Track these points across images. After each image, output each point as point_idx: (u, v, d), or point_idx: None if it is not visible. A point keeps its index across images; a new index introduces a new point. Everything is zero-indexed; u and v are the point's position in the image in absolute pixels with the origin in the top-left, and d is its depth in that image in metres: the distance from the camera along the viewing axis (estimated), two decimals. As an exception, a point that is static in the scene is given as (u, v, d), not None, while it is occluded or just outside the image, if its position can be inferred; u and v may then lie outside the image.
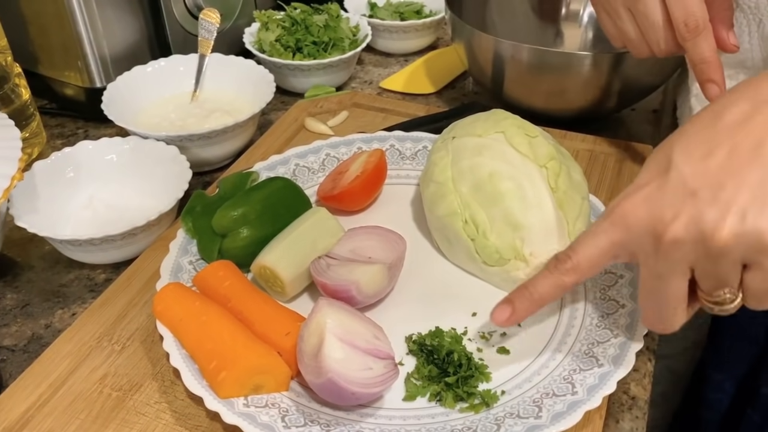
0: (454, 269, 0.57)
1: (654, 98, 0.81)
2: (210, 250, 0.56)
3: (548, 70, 0.70)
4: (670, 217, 0.38)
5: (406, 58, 0.92)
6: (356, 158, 0.65)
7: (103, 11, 0.73)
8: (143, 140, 0.66)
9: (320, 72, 0.81)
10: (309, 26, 0.82)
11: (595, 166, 0.68)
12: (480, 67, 0.75)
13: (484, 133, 0.56)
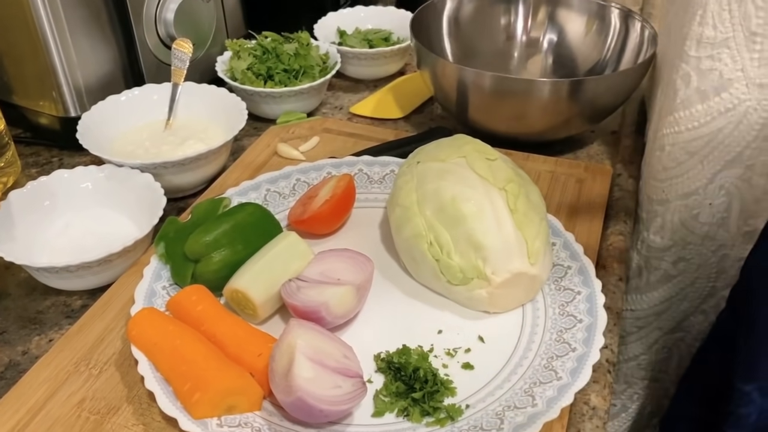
0: (421, 289, 0.59)
1: (612, 120, 0.84)
2: (183, 275, 0.58)
3: (510, 96, 0.73)
4: None
5: (375, 83, 0.95)
6: (326, 183, 0.67)
7: (77, 42, 0.75)
8: (118, 168, 0.68)
9: (291, 99, 0.83)
10: (280, 54, 0.85)
11: (557, 186, 0.71)
12: (445, 93, 0.78)
13: (447, 158, 0.59)
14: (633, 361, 0.86)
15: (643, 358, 0.84)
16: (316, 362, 0.47)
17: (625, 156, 0.80)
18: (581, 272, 0.58)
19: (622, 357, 0.85)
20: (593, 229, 0.65)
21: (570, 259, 0.59)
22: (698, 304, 0.77)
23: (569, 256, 0.60)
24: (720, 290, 0.74)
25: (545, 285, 0.58)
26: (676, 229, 0.71)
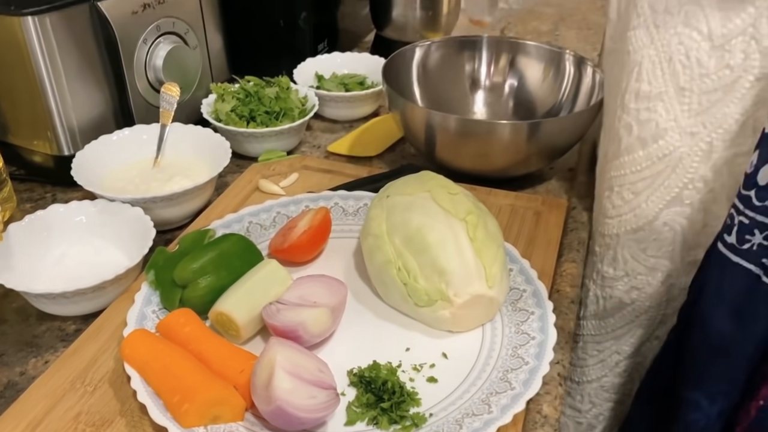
0: (390, 310, 0.65)
1: (570, 157, 0.91)
2: (171, 299, 0.63)
3: (473, 137, 0.80)
4: None
5: (350, 124, 1.02)
6: (304, 215, 0.73)
7: (72, 86, 0.81)
8: (110, 203, 0.73)
9: (272, 138, 0.90)
10: (261, 98, 0.91)
11: (516, 218, 0.78)
12: (414, 134, 0.85)
13: (413, 192, 0.65)
14: (596, 383, 0.91)
15: (606, 380, 0.90)
16: (294, 375, 0.52)
17: (580, 191, 0.87)
18: (535, 295, 0.64)
19: (586, 378, 0.91)
20: (548, 257, 0.72)
21: (525, 283, 0.66)
22: (652, 331, 0.83)
23: (525, 281, 0.66)
24: (670, 317, 0.80)
25: (503, 306, 0.64)
26: (627, 261, 0.78)
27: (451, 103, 0.96)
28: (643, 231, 0.74)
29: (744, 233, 0.61)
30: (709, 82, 0.64)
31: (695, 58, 0.64)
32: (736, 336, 0.64)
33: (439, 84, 0.96)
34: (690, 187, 0.70)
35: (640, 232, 0.75)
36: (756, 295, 0.61)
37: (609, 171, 0.75)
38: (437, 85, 0.96)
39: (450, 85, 0.97)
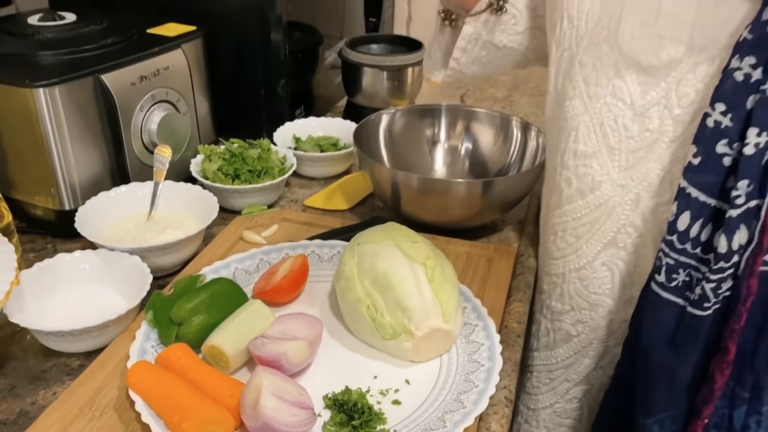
0: (360, 343, 0.74)
1: (519, 210, 1.03)
2: (168, 336, 0.72)
3: (433, 193, 0.91)
4: None
5: (325, 180, 1.13)
6: (284, 262, 0.83)
7: (75, 148, 0.90)
8: (111, 252, 0.82)
9: (255, 194, 1.00)
10: (245, 158, 1.02)
11: (471, 264, 0.88)
12: (382, 190, 0.96)
13: (380, 240, 0.76)
14: (549, 409, 1.00)
15: (558, 406, 0.99)
16: (278, 396, 0.61)
17: (528, 240, 0.98)
18: (485, 329, 0.74)
19: (540, 405, 1.00)
20: (498, 297, 0.82)
21: (477, 319, 0.76)
22: (597, 361, 0.93)
23: (477, 317, 0.76)
24: (612, 348, 0.90)
25: (457, 339, 0.74)
26: (572, 296, 0.88)
27: (414, 163, 1.07)
28: (585, 270, 0.85)
29: (671, 272, 0.72)
30: (633, 143, 0.76)
31: (621, 123, 0.76)
32: (675, 363, 0.73)
33: (403, 146, 1.08)
34: (623, 232, 0.81)
35: (582, 271, 0.85)
36: (684, 325, 0.71)
37: (553, 218, 0.87)
38: (402, 147, 1.08)
39: (413, 147, 1.09)
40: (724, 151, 0.66)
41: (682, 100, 0.70)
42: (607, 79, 0.75)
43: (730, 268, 0.66)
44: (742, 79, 0.64)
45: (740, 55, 0.64)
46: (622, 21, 0.70)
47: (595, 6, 0.72)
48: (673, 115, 0.72)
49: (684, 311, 0.71)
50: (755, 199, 0.64)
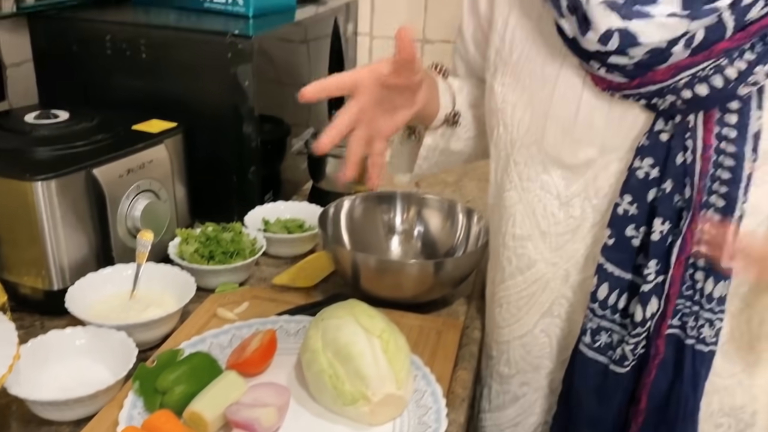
0: (322, 409, 0.84)
1: (466, 286, 1.15)
2: (153, 403, 0.81)
3: (389, 273, 1.03)
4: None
5: (292, 260, 1.24)
6: (255, 336, 0.93)
7: (66, 233, 1.00)
8: (99, 328, 0.91)
9: (228, 273, 1.10)
10: (219, 241, 1.13)
11: (422, 336, 1.00)
12: (343, 269, 1.07)
13: (342, 316, 0.87)
14: None
15: None
16: (252, 455, 0.71)
17: (474, 313, 1.10)
18: (433, 394, 0.85)
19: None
20: (446, 366, 0.93)
21: (426, 385, 0.87)
22: (542, 417, 1.03)
23: (426, 383, 0.87)
24: (553, 405, 1.01)
25: (409, 403, 0.84)
26: (517, 361, 1.00)
27: (373, 245, 1.19)
28: (527, 337, 0.97)
29: (594, 335, 0.85)
30: (560, 227, 0.89)
31: (550, 211, 0.89)
32: (600, 412, 0.86)
33: (363, 229, 1.20)
34: (557, 303, 0.93)
35: (525, 338, 0.97)
36: (608, 380, 0.85)
37: (498, 292, 0.99)
38: (362, 230, 1.20)
39: (372, 230, 1.21)
40: (632, 234, 0.80)
41: (598, 192, 0.85)
42: (536, 174, 0.88)
43: (644, 332, 0.80)
44: (643, 176, 0.78)
45: (641, 157, 0.78)
46: (546, 128, 0.85)
47: (525, 116, 0.86)
48: (592, 204, 0.86)
49: (607, 368, 0.85)
50: (662, 274, 0.77)
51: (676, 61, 0.72)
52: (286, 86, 1.40)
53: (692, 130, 0.76)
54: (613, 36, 0.71)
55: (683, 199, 0.77)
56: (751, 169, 0.75)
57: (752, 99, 0.73)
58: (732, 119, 0.74)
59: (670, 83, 0.73)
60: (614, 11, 0.71)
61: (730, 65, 0.71)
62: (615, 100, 0.79)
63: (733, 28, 0.69)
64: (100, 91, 1.27)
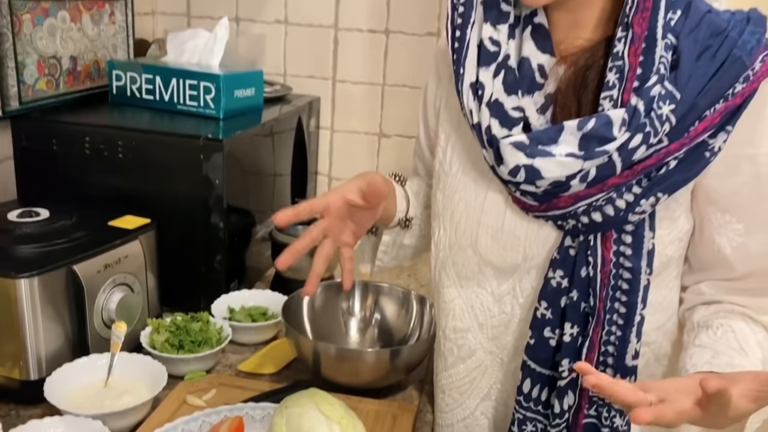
0: (288, 492, 0.92)
1: (420, 371, 1.24)
2: (129, 490, 0.87)
3: (347, 361, 1.12)
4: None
5: (255, 346, 1.31)
6: (223, 423, 1.00)
7: (46, 326, 1.07)
8: (75, 417, 0.97)
9: (196, 362, 1.17)
10: (188, 330, 1.20)
11: (378, 420, 1.08)
12: (304, 357, 1.15)
13: (304, 404, 0.95)
14: None
15: None
16: None
17: (426, 397, 1.19)
18: (388, 475, 0.93)
19: None
20: (396, 448, 1.02)
21: (382, 467, 0.95)
22: None
23: (382, 465, 0.95)
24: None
25: (366, 485, 0.92)
26: None
27: (333, 332, 1.28)
28: (469, 419, 1.06)
29: (521, 425, 0.95)
30: (495, 320, 1.00)
31: (486, 306, 1.00)
32: None
33: (323, 317, 1.29)
34: (494, 388, 1.04)
35: (467, 420, 1.06)
36: None
37: (441, 379, 1.08)
38: (322, 318, 1.29)
39: (332, 318, 1.30)
40: (549, 335, 0.91)
41: (523, 292, 0.96)
42: (473, 274, 1.00)
43: (564, 422, 0.90)
44: (556, 285, 0.90)
45: (553, 269, 0.90)
46: (479, 235, 0.97)
47: (462, 222, 0.98)
48: (519, 303, 0.97)
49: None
50: (574, 372, 0.88)
51: (575, 192, 0.85)
52: (251, 176, 1.51)
53: (593, 248, 0.88)
54: (521, 170, 0.84)
55: (589, 306, 0.89)
56: (647, 281, 0.88)
57: (645, 222, 0.87)
58: (628, 239, 0.87)
59: (571, 210, 0.86)
60: (521, 150, 0.84)
61: (620, 197, 0.84)
62: (532, 217, 0.91)
63: (621, 167, 0.82)
64: (78, 187, 1.36)
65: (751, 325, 0.87)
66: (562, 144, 0.83)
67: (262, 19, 1.84)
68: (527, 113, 0.87)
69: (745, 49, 0.79)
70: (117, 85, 1.52)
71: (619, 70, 0.81)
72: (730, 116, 0.80)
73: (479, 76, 0.88)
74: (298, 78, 1.88)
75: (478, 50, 0.89)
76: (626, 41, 0.81)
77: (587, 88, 0.85)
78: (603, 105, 0.82)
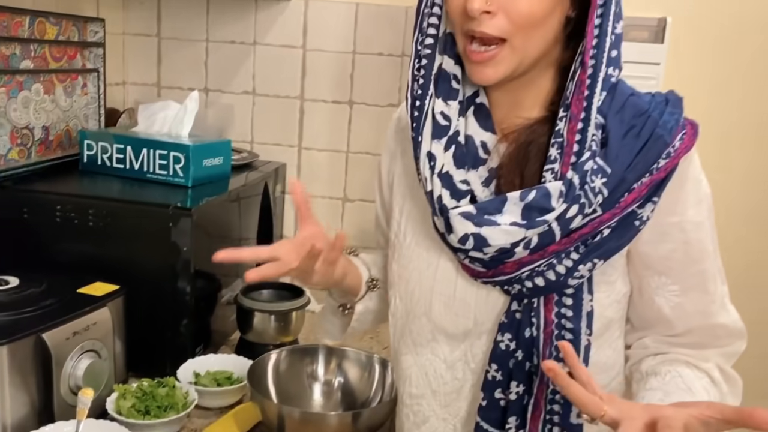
0: None
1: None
2: None
3: (311, 424, 1.15)
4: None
5: (220, 410, 1.34)
6: None
7: (12, 394, 1.08)
8: (41, 486, 0.98)
9: (162, 426, 1.19)
10: (155, 396, 1.23)
11: (341, 482, 1.11)
12: (269, 420, 1.18)
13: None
14: None
15: None
16: None
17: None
18: None
19: None
20: None
21: None
22: None
23: None
24: None
25: None
26: None
27: (297, 395, 1.32)
28: None
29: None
30: (448, 387, 1.05)
31: (439, 373, 1.05)
32: None
33: (288, 380, 1.33)
34: None
35: None
36: None
37: None
38: (287, 382, 1.32)
39: (296, 381, 1.34)
40: (500, 397, 0.97)
41: (475, 357, 1.02)
42: (427, 341, 1.05)
43: None
44: (504, 348, 0.96)
45: (502, 332, 0.97)
46: (432, 303, 1.02)
47: (416, 290, 1.04)
48: (470, 368, 1.03)
49: None
50: (521, 429, 0.94)
51: (519, 258, 0.92)
52: (218, 240, 1.55)
53: (536, 309, 0.95)
54: (470, 239, 0.91)
55: (533, 366, 0.95)
56: (587, 341, 0.94)
57: (584, 285, 0.94)
58: (568, 301, 0.94)
59: (516, 275, 0.93)
60: (469, 220, 0.91)
61: (560, 263, 0.91)
62: (480, 284, 0.98)
63: (560, 235, 0.90)
64: (49, 255, 1.39)
65: (695, 371, 0.94)
66: (506, 214, 0.90)
67: (231, 90, 1.92)
68: (473, 186, 0.94)
69: (666, 129, 0.88)
70: (88, 154, 1.56)
71: (560, 146, 0.90)
72: (655, 188, 0.89)
73: (432, 148, 0.95)
74: (265, 145, 1.95)
75: (432, 122, 0.96)
76: (566, 120, 0.90)
77: (529, 163, 0.93)
78: (546, 177, 0.90)
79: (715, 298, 0.95)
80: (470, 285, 0.98)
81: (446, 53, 0.95)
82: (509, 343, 0.96)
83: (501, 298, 0.97)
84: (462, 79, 0.97)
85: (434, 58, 0.95)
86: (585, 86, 0.89)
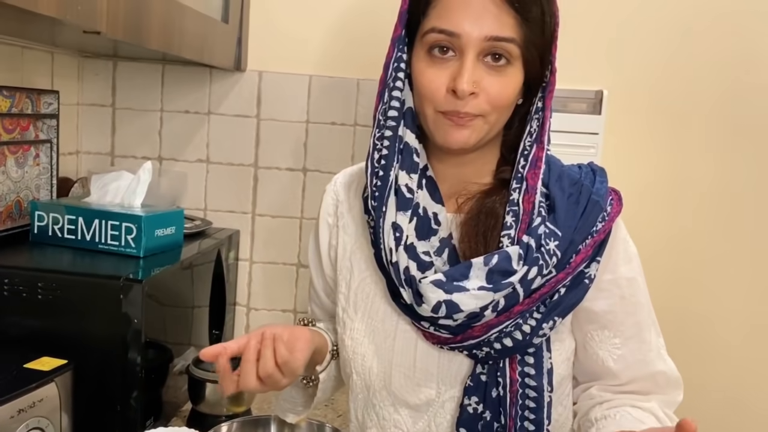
0: None
1: (334, 504, 1.27)
2: None
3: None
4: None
5: (170, 486, 1.31)
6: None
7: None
8: None
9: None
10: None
11: None
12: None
13: None
14: None
15: None
16: None
17: None
18: None
19: None
20: None
21: None
22: None
23: None
24: None
25: None
26: None
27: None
28: None
29: None
30: None
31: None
32: None
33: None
34: None
35: None
36: None
37: None
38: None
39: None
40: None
41: (439, 427, 1.04)
42: (389, 414, 1.07)
43: None
44: (472, 411, 0.99)
45: (468, 396, 0.99)
46: (392, 375, 1.04)
47: (374, 364, 1.06)
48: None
49: None
50: None
51: (486, 321, 0.96)
52: (170, 309, 1.55)
53: (502, 370, 0.99)
54: (442, 306, 0.94)
55: (501, 425, 0.98)
56: (549, 398, 0.98)
57: (543, 344, 0.98)
58: (530, 360, 0.98)
59: (485, 337, 0.97)
60: (440, 288, 0.94)
61: (525, 323, 0.96)
62: (444, 350, 1.01)
63: (523, 296, 0.94)
64: (-6, 329, 1.37)
65: (641, 412, 1.00)
66: (473, 279, 0.94)
67: (185, 158, 1.95)
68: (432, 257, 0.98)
69: (600, 195, 0.97)
70: (39, 225, 1.56)
71: (515, 214, 0.96)
72: (597, 249, 0.97)
73: (397, 219, 0.98)
74: (218, 213, 1.97)
75: (396, 194, 0.99)
76: (520, 191, 0.96)
77: (488, 229, 0.98)
78: (503, 242, 0.95)
79: (651, 347, 1.02)
80: (431, 352, 1.01)
81: (408, 128, 1.00)
82: (476, 405, 0.99)
83: (465, 363, 1.01)
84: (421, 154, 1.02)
85: (398, 130, 1.00)
86: (542, 162, 0.96)
